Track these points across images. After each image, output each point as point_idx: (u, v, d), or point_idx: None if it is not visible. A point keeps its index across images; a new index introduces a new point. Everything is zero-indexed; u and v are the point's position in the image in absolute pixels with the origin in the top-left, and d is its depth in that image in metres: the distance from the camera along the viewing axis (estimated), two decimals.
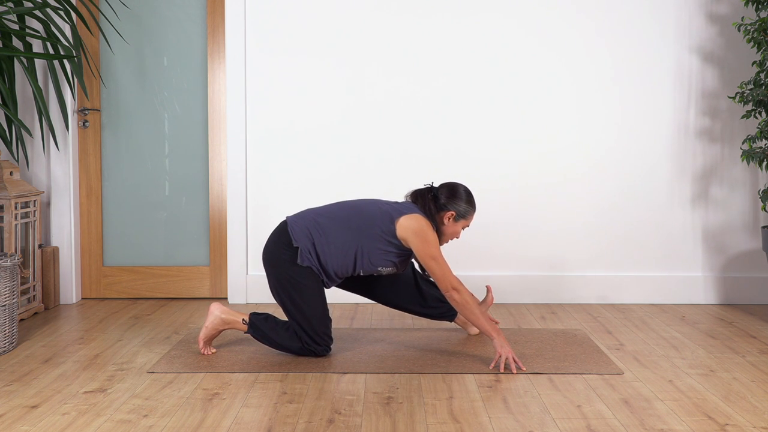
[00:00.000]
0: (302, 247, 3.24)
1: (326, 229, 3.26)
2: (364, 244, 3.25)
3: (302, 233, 3.26)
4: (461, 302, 3.19)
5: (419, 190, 3.37)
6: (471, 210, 3.34)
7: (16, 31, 3.90)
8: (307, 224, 3.28)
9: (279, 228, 3.34)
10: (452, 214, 3.30)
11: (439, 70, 4.45)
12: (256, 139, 4.49)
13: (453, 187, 3.34)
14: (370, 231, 3.24)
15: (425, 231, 3.22)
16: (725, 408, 2.73)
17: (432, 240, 3.22)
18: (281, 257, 3.27)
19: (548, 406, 2.75)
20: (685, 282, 4.48)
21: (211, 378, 3.08)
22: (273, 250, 3.30)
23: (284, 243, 3.28)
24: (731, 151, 4.46)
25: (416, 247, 3.22)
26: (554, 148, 4.47)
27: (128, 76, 4.57)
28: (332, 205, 3.38)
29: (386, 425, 2.57)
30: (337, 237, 3.25)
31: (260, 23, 4.45)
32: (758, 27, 3.92)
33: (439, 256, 3.21)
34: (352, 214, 3.29)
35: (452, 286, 3.19)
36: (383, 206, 3.31)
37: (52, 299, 4.37)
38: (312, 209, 3.38)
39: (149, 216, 4.62)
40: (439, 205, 3.31)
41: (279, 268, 3.28)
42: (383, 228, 3.24)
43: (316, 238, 3.25)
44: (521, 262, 4.51)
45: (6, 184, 4.01)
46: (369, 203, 3.34)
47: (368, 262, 3.28)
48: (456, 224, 3.33)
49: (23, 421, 2.62)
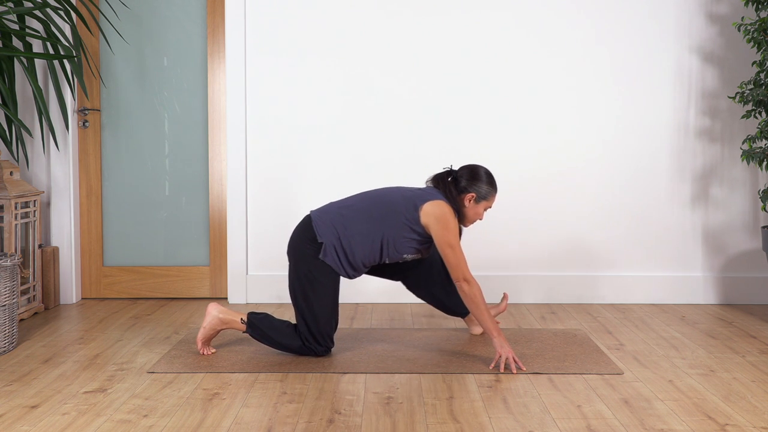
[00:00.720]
0: (326, 243, 3.25)
1: (351, 221, 3.27)
2: (388, 232, 3.26)
3: (327, 228, 3.27)
4: (470, 294, 3.20)
5: (439, 174, 3.38)
6: (492, 191, 3.35)
7: (16, 31, 3.90)
8: (331, 219, 3.29)
9: (303, 222, 3.35)
10: (473, 195, 3.31)
11: (439, 69, 4.45)
12: (256, 139, 4.49)
13: (473, 169, 3.35)
14: (394, 219, 3.26)
15: (447, 218, 3.23)
16: (725, 408, 2.73)
17: (452, 228, 3.23)
18: (305, 252, 3.28)
19: (548, 406, 2.75)
20: (685, 282, 4.48)
21: (211, 378, 3.08)
22: (297, 244, 3.31)
23: (308, 238, 3.29)
24: (731, 151, 4.46)
25: (436, 233, 3.23)
26: (554, 148, 4.47)
27: (128, 76, 4.57)
28: (355, 196, 3.39)
29: (386, 425, 2.57)
30: (362, 228, 3.26)
31: (260, 23, 4.45)
32: (758, 27, 3.92)
33: (457, 245, 3.22)
34: (376, 204, 3.30)
35: (464, 277, 3.21)
36: (406, 193, 3.32)
37: (52, 299, 4.37)
38: (335, 202, 3.38)
39: (149, 216, 4.62)
40: (460, 187, 3.32)
41: (300, 262, 3.29)
42: (407, 216, 3.25)
43: (341, 232, 3.26)
44: (521, 262, 4.51)
45: (6, 184, 4.01)
46: (392, 191, 3.35)
47: (394, 249, 3.29)
48: (477, 206, 3.34)
49: (23, 421, 2.62)
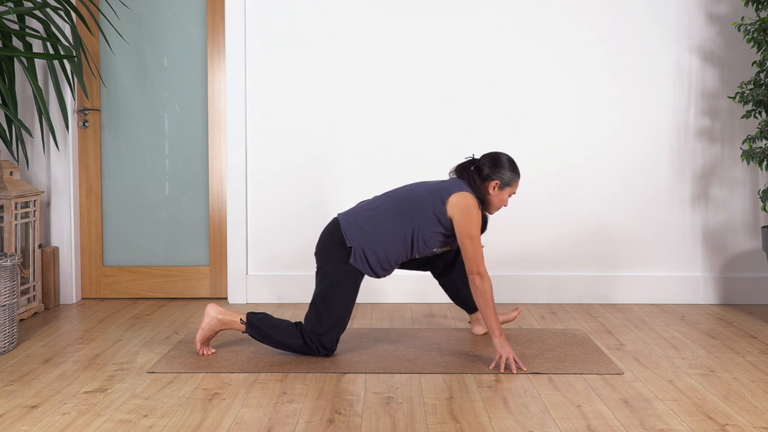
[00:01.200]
0: (356, 246, 3.26)
1: (379, 222, 3.28)
2: (417, 228, 3.27)
3: (355, 232, 3.27)
4: (480, 288, 3.21)
5: (462, 164, 3.39)
6: (515, 177, 3.36)
7: (16, 31, 3.90)
8: (359, 222, 3.29)
9: (331, 225, 3.35)
10: (497, 183, 3.32)
11: (439, 69, 4.45)
12: (255, 139, 4.49)
13: (495, 157, 3.36)
14: (422, 215, 3.27)
15: (472, 210, 3.24)
16: (725, 408, 2.73)
17: (475, 220, 3.24)
18: (333, 255, 3.29)
19: (548, 406, 2.75)
20: (685, 282, 4.48)
21: (211, 378, 3.08)
22: (325, 247, 3.32)
23: (337, 242, 3.29)
24: (731, 151, 4.46)
25: (458, 223, 3.24)
26: (554, 148, 4.47)
27: (128, 76, 4.57)
28: (381, 196, 3.40)
29: (386, 425, 2.57)
30: (391, 227, 3.27)
31: (260, 23, 4.45)
32: (758, 27, 3.92)
33: (477, 237, 3.23)
34: (402, 201, 3.31)
35: (478, 270, 3.21)
36: (431, 186, 3.33)
37: (52, 299, 4.37)
38: (362, 204, 3.38)
39: (149, 216, 4.62)
40: (483, 175, 3.33)
41: (326, 264, 3.30)
42: (435, 210, 3.26)
43: (370, 234, 3.26)
44: (521, 262, 4.51)
45: (6, 184, 4.01)
46: (416, 186, 3.36)
47: (423, 244, 3.30)
48: (502, 192, 3.35)
49: (23, 421, 2.62)
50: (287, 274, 4.51)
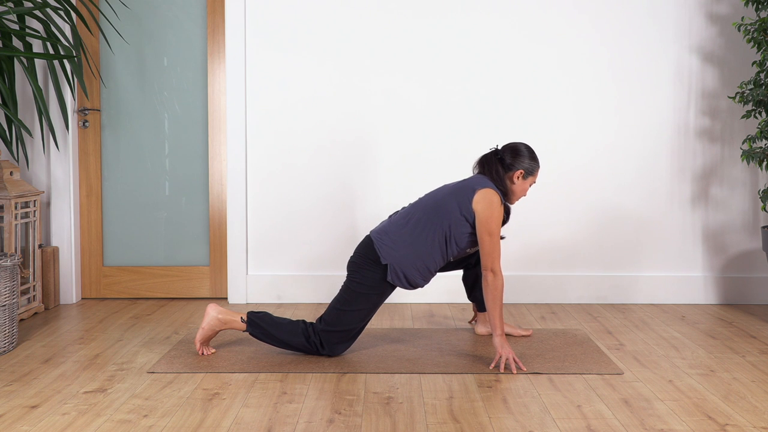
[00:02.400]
0: (392, 263, 3.26)
1: (411, 236, 3.27)
2: (449, 233, 3.28)
3: (389, 249, 3.27)
4: (492, 285, 3.21)
5: (485, 156, 3.40)
6: (536, 166, 3.38)
7: (16, 31, 3.90)
8: (392, 238, 3.29)
9: (364, 243, 3.35)
10: (521, 172, 3.34)
11: (439, 69, 4.45)
12: (256, 139, 4.49)
13: (515, 147, 3.37)
14: (450, 219, 3.27)
15: (494, 207, 3.25)
16: (725, 408, 2.73)
17: (496, 216, 3.25)
18: (366, 271, 3.29)
19: (548, 406, 2.75)
20: (685, 282, 4.48)
21: (211, 378, 3.08)
22: (359, 263, 3.32)
23: (371, 259, 3.29)
24: (731, 151, 4.46)
25: (480, 218, 3.24)
26: (554, 148, 4.47)
27: (128, 76, 4.57)
28: (407, 208, 3.39)
29: (386, 425, 2.57)
30: (424, 237, 3.27)
31: (260, 23, 4.45)
32: (758, 27, 3.92)
33: (496, 234, 3.24)
34: (429, 209, 3.31)
35: (492, 267, 3.22)
36: (454, 187, 3.33)
37: (52, 299, 4.37)
38: (392, 220, 3.37)
39: (149, 216, 4.62)
40: (506, 165, 3.35)
41: (357, 277, 3.30)
42: (462, 210, 3.27)
43: (403, 250, 3.26)
44: (521, 262, 4.51)
45: (6, 184, 4.01)
46: (440, 191, 3.36)
47: (456, 246, 3.31)
48: (525, 182, 3.37)
49: (23, 421, 2.62)
50: (287, 274, 4.51)
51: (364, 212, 4.49)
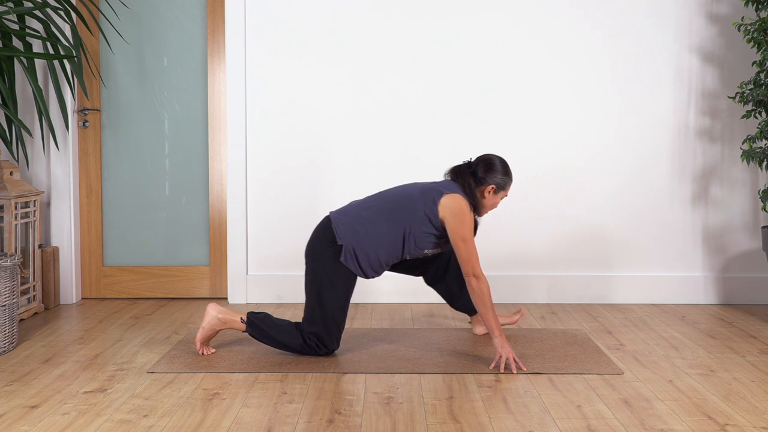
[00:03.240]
0: (346, 245, 3.26)
1: (371, 222, 3.28)
2: (409, 228, 3.27)
3: (347, 230, 3.27)
4: (477, 290, 3.21)
5: (457, 167, 3.39)
6: (508, 181, 3.37)
7: (16, 31, 3.90)
8: (351, 221, 3.29)
9: (322, 224, 3.35)
10: (492, 187, 3.33)
11: (439, 70, 4.45)
12: (255, 139, 4.49)
13: (489, 161, 3.36)
14: (414, 215, 3.27)
15: (464, 212, 3.24)
16: (725, 408, 2.73)
17: (468, 222, 3.24)
18: (324, 253, 3.28)
19: (548, 406, 2.75)
20: (685, 282, 4.48)
21: (211, 378, 3.08)
22: (317, 245, 3.31)
23: (328, 240, 3.29)
24: (731, 151, 4.46)
25: (451, 226, 3.24)
26: (554, 147, 4.47)
27: (128, 76, 4.57)
28: (373, 195, 3.39)
29: (386, 425, 2.57)
30: (383, 227, 3.27)
31: (260, 23, 4.45)
32: (758, 27, 3.92)
33: (470, 239, 3.23)
34: (395, 201, 3.31)
35: (474, 272, 3.21)
36: (424, 187, 3.33)
37: (52, 299, 4.37)
38: (354, 203, 3.38)
39: (149, 216, 4.62)
40: (478, 179, 3.33)
41: (318, 262, 3.29)
42: (426, 210, 3.26)
43: (361, 233, 3.26)
44: (521, 262, 4.51)
45: (6, 184, 4.01)
46: (409, 187, 3.37)
47: (414, 245, 3.30)
48: (495, 196, 3.37)
49: (23, 421, 2.62)
50: (287, 274, 4.51)
51: None
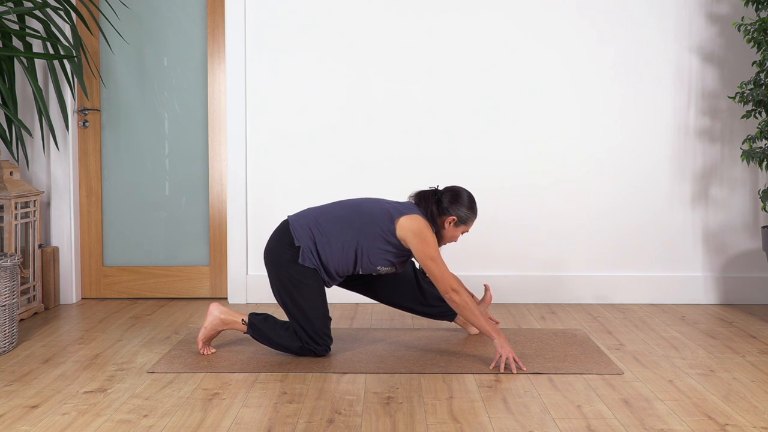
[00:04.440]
0: (304, 247, 3.24)
1: (327, 229, 3.27)
2: (363, 243, 3.25)
3: (304, 233, 3.26)
4: (461, 303, 3.19)
5: (423, 192, 3.36)
6: (472, 216, 3.35)
7: (16, 31, 3.90)
8: (308, 223, 3.28)
9: (281, 227, 3.35)
10: (453, 219, 3.31)
11: (439, 70, 4.45)
12: (256, 139, 4.49)
13: (456, 192, 3.33)
14: (370, 230, 3.25)
15: (424, 232, 3.22)
16: (725, 408, 2.73)
17: (431, 241, 3.22)
18: (283, 256, 3.27)
19: (548, 406, 2.75)
20: (685, 282, 4.48)
21: (211, 378, 3.08)
22: (275, 249, 3.30)
23: (286, 242, 3.28)
24: (731, 151, 4.46)
25: (415, 247, 3.22)
26: (554, 148, 4.47)
27: (128, 76, 4.57)
28: (334, 203, 3.38)
29: (386, 425, 2.57)
30: (338, 236, 3.25)
31: (260, 23, 4.45)
32: (758, 27, 3.92)
33: (438, 257, 3.21)
34: (353, 213, 3.29)
35: (451, 288, 3.19)
36: (384, 205, 3.31)
37: (52, 299, 4.37)
38: (313, 208, 3.38)
39: (149, 216, 4.62)
40: (441, 208, 3.31)
41: (281, 267, 3.28)
42: (383, 227, 3.24)
43: (317, 237, 3.26)
44: (521, 262, 4.51)
45: (6, 184, 4.01)
46: (370, 202, 3.35)
47: (368, 261, 3.28)
48: (456, 229, 3.34)
49: (23, 421, 2.62)
50: None
51: None
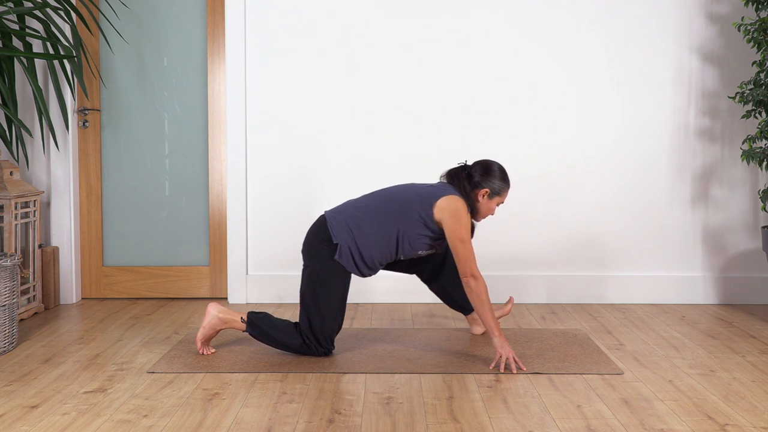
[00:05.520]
0: (341, 243, 3.26)
1: (365, 221, 3.28)
2: (403, 229, 3.28)
3: (341, 229, 3.28)
4: (475, 291, 3.20)
5: (454, 169, 3.38)
6: (505, 187, 3.36)
7: (16, 31, 3.90)
8: (345, 219, 3.30)
9: (318, 222, 3.36)
10: (486, 191, 3.32)
11: (439, 70, 4.45)
12: (255, 139, 4.49)
13: (487, 165, 3.36)
14: (408, 216, 3.27)
15: (461, 213, 3.24)
16: (725, 408, 2.73)
17: (465, 223, 3.24)
18: (320, 252, 3.29)
19: (548, 406, 2.75)
20: (685, 282, 4.48)
21: (211, 378, 3.08)
22: (312, 244, 3.32)
23: (323, 239, 3.30)
24: (731, 151, 4.46)
25: (448, 227, 3.24)
26: (554, 148, 4.47)
27: (128, 76, 4.57)
28: (369, 195, 3.40)
29: (386, 425, 2.57)
30: (377, 227, 3.27)
31: (260, 23, 4.45)
32: (758, 27, 3.92)
33: (468, 240, 3.23)
34: (390, 202, 3.31)
35: (471, 272, 3.21)
36: (420, 190, 3.33)
37: (52, 299, 4.37)
38: (350, 202, 3.39)
39: (149, 216, 4.62)
40: (474, 183, 3.33)
41: (313, 261, 3.30)
42: (421, 212, 3.26)
43: (355, 232, 3.27)
44: (521, 262, 4.51)
45: (6, 184, 4.01)
46: (405, 188, 3.37)
47: (408, 246, 3.31)
48: (491, 201, 3.35)
49: (23, 421, 2.62)
50: (287, 274, 4.51)
51: None
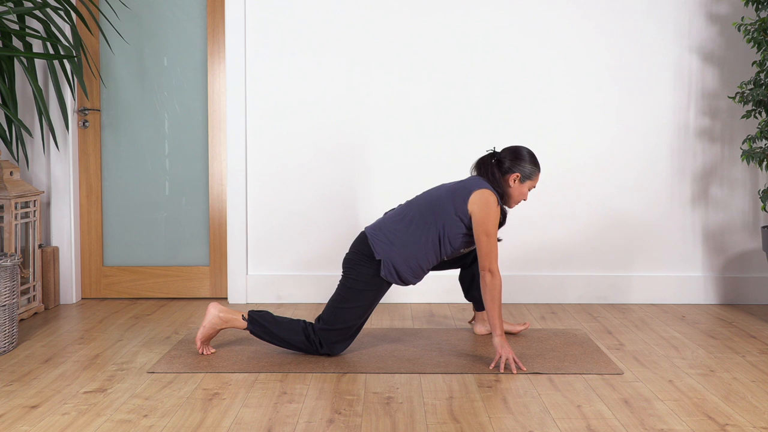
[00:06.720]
0: (385, 259, 3.27)
1: (405, 232, 3.29)
2: (443, 232, 3.28)
3: (383, 244, 3.28)
4: (490, 285, 3.21)
5: (482, 157, 3.39)
6: (536, 170, 3.36)
7: (16, 31, 3.90)
8: (386, 234, 3.30)
9: (358, 239, 3.37)
10: (517, 175, 3.32)
11: (440, 70, 4.45)
12: (255, 139, 4.49)
13: (516, 150, 3.36)
14: (445, 218, 3.28)
15: (491, 207, 3.25)
16: (725, 408, 2.73)
17: (493, 217, 3.25)
18: (361, 267, 3.30)
19: (548, 406, 2.75)
20: (685, 282, 4.48)
21: (211, 378, 3.08)
22: (354, 260, 3.33)
23: (365, 255, 3.30)
24: (731, 151, 4.46)
25: (476, 219, 3.24)
26: (554, 148, 4.47)
27: (128, 76, 4.57)
28: (404, 205, 3.40)
29: (386, 425, 2.57)
30: (418, 236, 3.28)
31: (260, 23, 4.45)
32: (758, 27, 3.92)
33: (493, 235, 3.24)
34: (425, 208, 3.32)
35: (490, 267, 3.22)
36: (451, 187, 3.34)
37: (52, 299, 4.37)
38: (387, 216, 3.39)
39: (149, 216, 4.62)
40: (504, 168, 3.34)
41: (352, 274, 3.31)
42: (457, 211, 3.27)
43: (398, 245, 3.28)
44: (521, 262, 4.51)
45: (6, 184, 4.01)
46: (436, 191, 3.37)
47: (450, 246, 3.32)
48: (522, 186, 3.35)
49: (23, 421, 2.62)
50: (287, 274, 4.51)
51: (364, 212, 4.49)
